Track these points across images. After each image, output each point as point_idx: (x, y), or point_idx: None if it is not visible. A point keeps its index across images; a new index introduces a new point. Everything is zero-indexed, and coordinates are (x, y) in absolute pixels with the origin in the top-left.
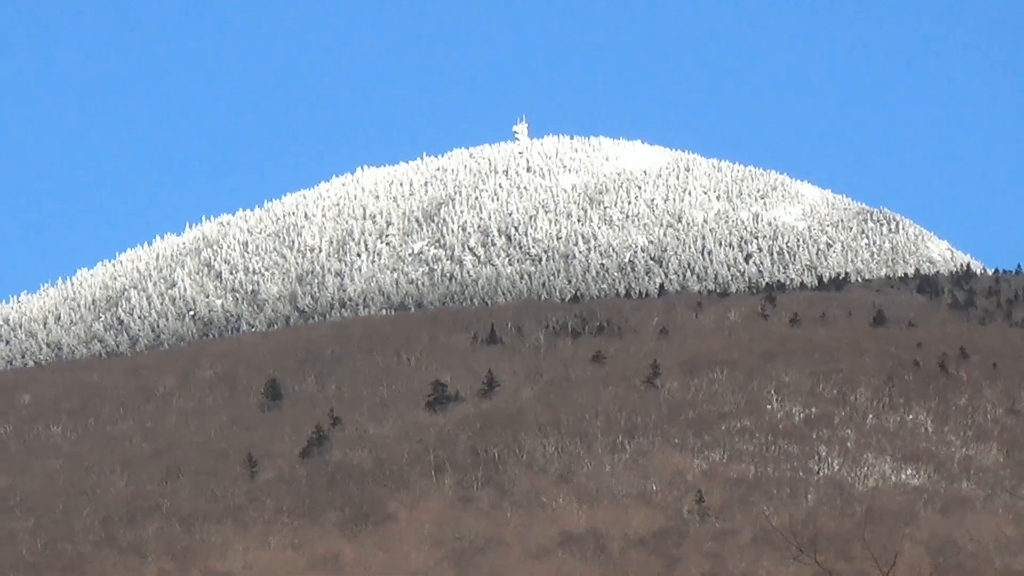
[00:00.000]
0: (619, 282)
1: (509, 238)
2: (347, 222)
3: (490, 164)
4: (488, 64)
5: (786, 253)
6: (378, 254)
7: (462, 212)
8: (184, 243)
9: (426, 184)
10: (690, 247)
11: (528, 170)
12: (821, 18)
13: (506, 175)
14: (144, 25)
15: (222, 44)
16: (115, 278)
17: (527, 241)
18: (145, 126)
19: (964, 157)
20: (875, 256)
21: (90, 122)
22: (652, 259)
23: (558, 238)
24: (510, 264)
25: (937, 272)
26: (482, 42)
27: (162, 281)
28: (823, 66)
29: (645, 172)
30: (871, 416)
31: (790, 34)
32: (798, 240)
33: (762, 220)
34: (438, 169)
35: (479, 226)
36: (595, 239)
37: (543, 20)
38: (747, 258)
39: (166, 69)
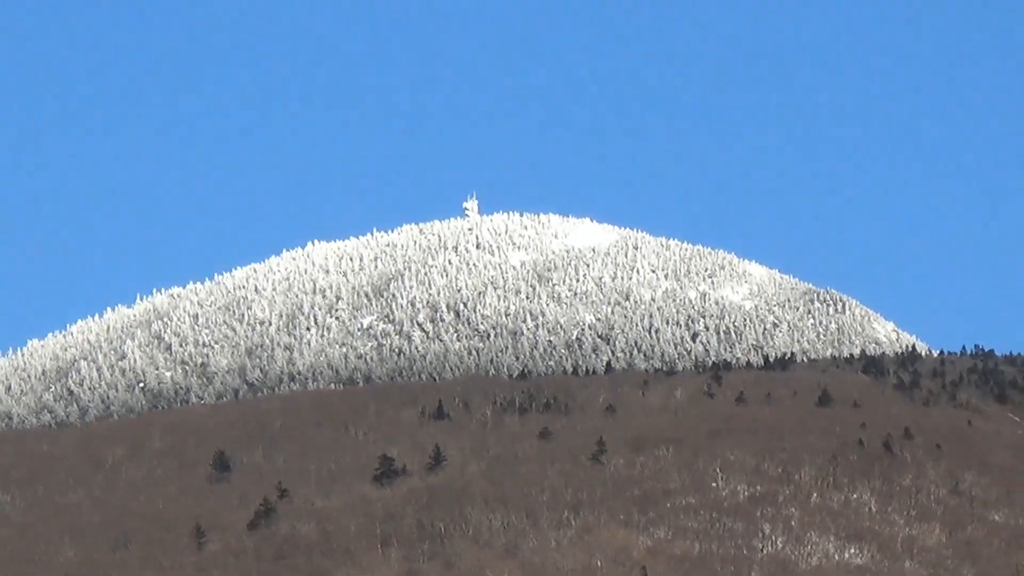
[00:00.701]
0: (566, 359)
1: (458, 314)
2: (297, 296)
3: (440, 240)
4: (438, 140)
5: (733, 332)
6: (327, 328)
7: (411, 288)
8: (135, 315)
9: (375, 259)
10: (637, 325)
11: (477, 247)
12: (768, 101)
13: (455, 251)
14: (84, 98)
15: (175, 116)
16: (65, 349)
17: (475, 317)
18: (95, 197)
19: (912, 239)
20: (821, 336)
21: (39, 191)
22: (600, 336)
23: (506, 315)
24: (458, 340)
25: (883, 353)
26: (433, 119)
27: (112, 352)
28: (771, 146)
29: (594, 250)
30: (815, 495)
31: (738, 115)
32: (745, 319)
33: (709, 299)
34: (388, 245)
35: (428, 302)
36: (543, 316)
37: (494, 97)
38: (694, 336)
39: (117, 140)
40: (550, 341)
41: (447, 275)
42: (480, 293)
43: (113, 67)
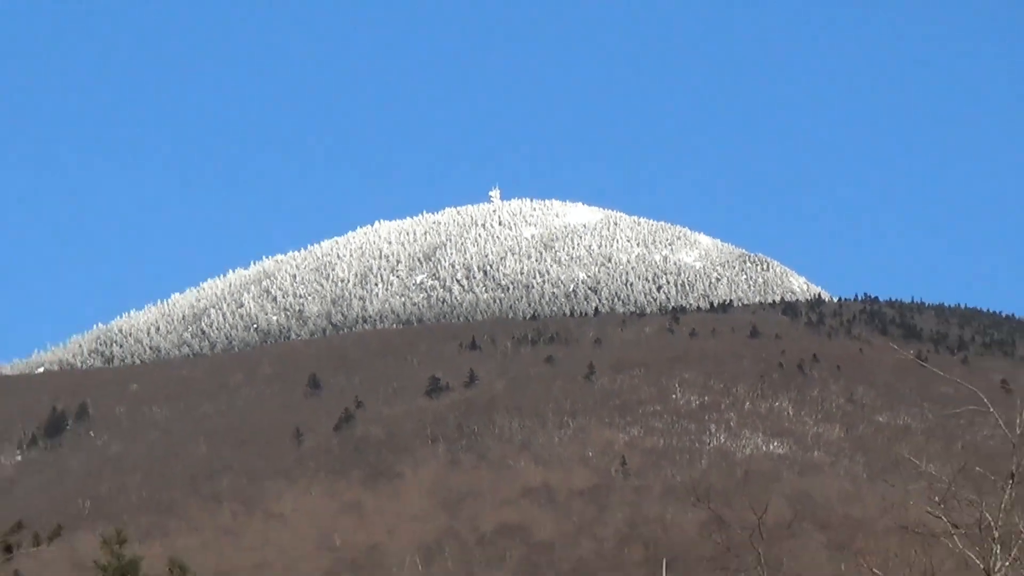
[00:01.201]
0: (565, 306)
1: (485, 273)
2: (368, 260)
3: (472, 219)
4: (471, 144)
5: (687, 285)
6: (390, 284)
7: (451, 254)
8: (249, 275)
9: (425, 233)
10: (617, 280)
11: (500, 224)
12: (719, 95)
13: (483, 227)
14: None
15: (266, 109)
16: (198, 300)
17: (498, 275)
18: (220, 184)
19: (819, 209)
20: (751, 287)
21: (179, 178)
22: (590, 289)
23: (521, 273)
24: (486, 292)
25: (797, 300)
26: (467, 124)
27: (233, 302)
28: (712, 139)
29: (584, 225)
30: (748, 403)
31: (689, 114)
32: (696, 276)
33: (670, 261)
34: (434, 222)
35: (464, 264)
36: (548, 274)
37: (512, 106)
38: (658, 289)
39: (233, 134)
40: (553, 293)
41: (478, 244)
42: (502, 258)
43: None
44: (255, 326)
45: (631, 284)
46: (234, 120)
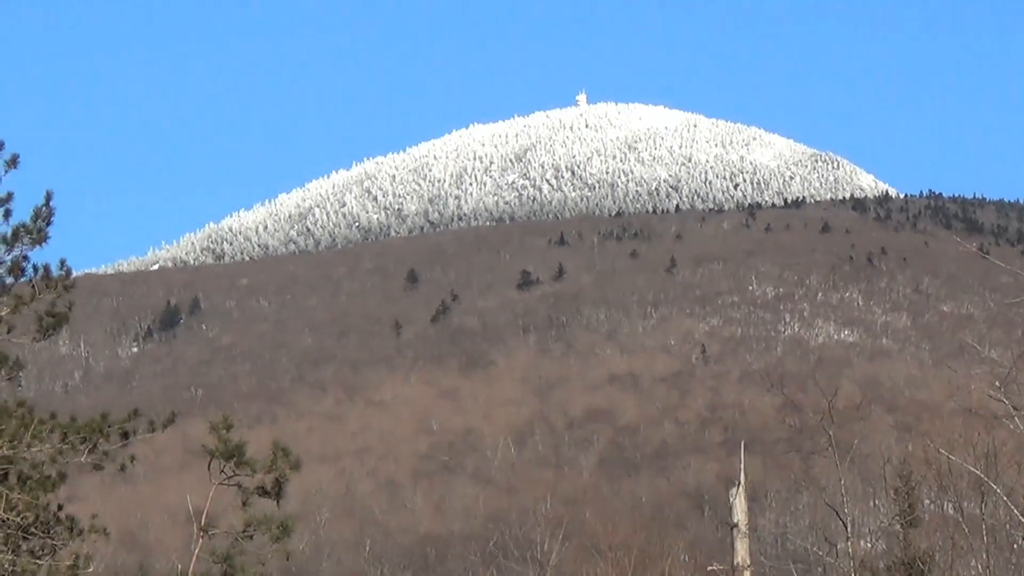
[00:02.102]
0: (648, 203)
1: (573, 172)
2: (463, 161)
3: (560, 122)
4: (558, 50)
5: (762, 183)
6: (484, 184)
7: (541, 155)
8: (351, 175)
9: (516, 135)
10: (697, 179)
11: (586, 126)
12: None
13: (571, 130)
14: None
15: (364, 32)
16: (304, 199)
17: (585, 175)
18: (329, 84)
19: (886, 108)
20: (823, 185)
21: (290, 74)
22: (671, 187)
23: (607, 172)
24: (574, 191)
25: (865, 196)
26: (551, 32)
27: (336, 201)
28: (785, 44)
29: (666, 127)
30: (820, 294)
31: (765, 22)
32: (770, 174)
33: (746, 160)
34: (525, 125)
35: (552, 164)
36: (632, 173)
37: (599, 16)
38: (735, 187)
39: (320, 49)
40: (637, 191)
41: (566, 146)
42: (588, 158)
43: None
44: (357, 224)
45: (710, 182)
46: (337, 28)
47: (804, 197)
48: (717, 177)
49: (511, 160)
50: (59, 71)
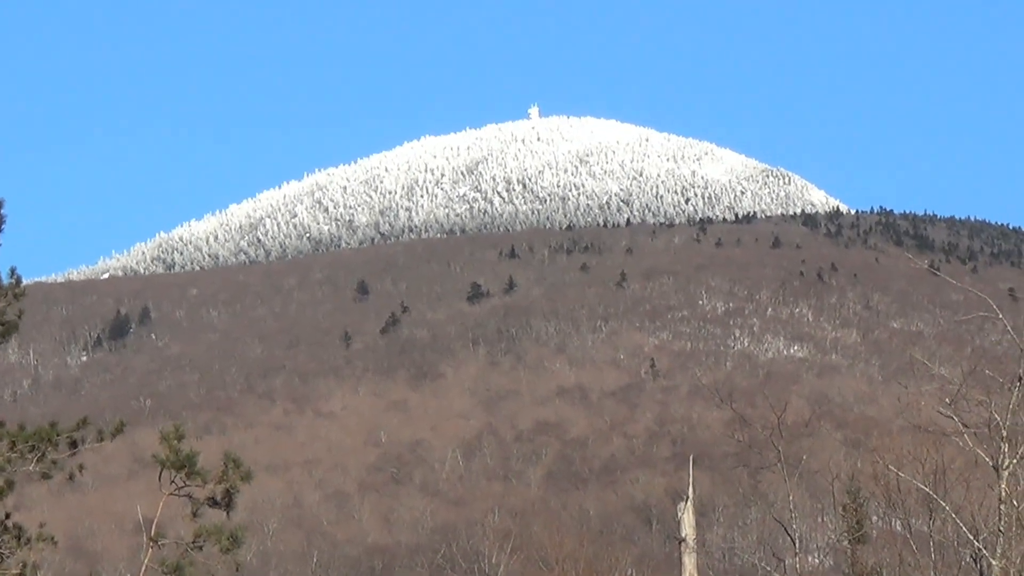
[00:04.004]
0: (599, 217)
1: (524, 186)
2: (415, 174)
3: (512, 135)
4: (511, 63)
5: (713, 198)
6: (435, 196)
7: (493, 168)
8: (302, 186)
9: (468, 148)
10: (648, 193)
11: (538, 139)
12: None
13: (523, 143)
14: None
15: (309, 44)
16: (255, 210)
17: (537, 188)
18: (277, 98)
19: (841, 124)
20: (774, 200)
21: (242, 84)
22: (622, 201)
23: (558, 186)
24: (525, 204)
25: (816, 212)
26: (504, 46)
27: (287, 212)
28: (738, 59)
29: (617, 142)
30: (770, 309)
31: (718, 38)
32: (722, 189)
33: (697, 175)
34: (477, 138)
35: (504, 177)
36: (583, 187)
37: (552, 30)
38: (686, 201)
39: (282, 57)
40: (588, 205)
41: (518, 159)
42: (540, 171)
43: None
44: (307, 235)
45: (661, 197)
46: (288, 40)
47: (755, 212)
48: (668, 191)
49: (462, 173)
50: (6, 78)
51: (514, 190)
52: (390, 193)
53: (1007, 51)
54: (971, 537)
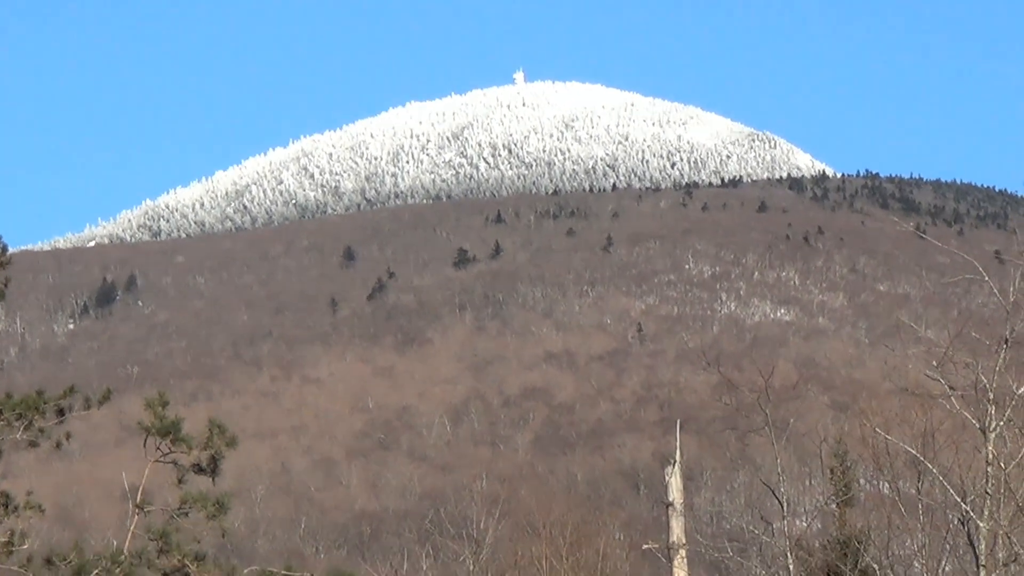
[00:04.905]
0: (585, 182)
1: (510, 151)
2: (400, 139)
3: (497, 100)
4: (496, 28)
5: (699, 162)
6: (421, 161)
7: (478, 133)
8: (288, 153)
9: (454, 113)
10: (634, 158)
11: (523, 105)
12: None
13: (508, 108)
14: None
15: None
16: (241, 176)
17: (523, 153)
18: (262, 61)
19: (826, 88)
20: (760, 164)
21: (227, 49)
22: (608, 166)
23: (544, 151)
24: (511, 169)
25: (802, 175)
26: (489, 10)
27: (273, 179)
28: (723, 24)
29: (603, 106)
30: (756, 273)
31: (703, 1)
32: (708, 153)
33: (683, 139)
34: (462, 103)
35: (490, 142)
36: (569, 152)
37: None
38: (672, 166)
39: (265, 31)
40: (574, 170)
41: (503, 124)
42: (526, 137)
43: None
44: (294, 201)
45: (647, 161)
46: (273, 5)
47: (741, 176)
48: (654, 156)
49: (448, 138)
50: None
51: (500, 155)
52: (376, 159)
53: (994, 12)
54: (959, 500)
